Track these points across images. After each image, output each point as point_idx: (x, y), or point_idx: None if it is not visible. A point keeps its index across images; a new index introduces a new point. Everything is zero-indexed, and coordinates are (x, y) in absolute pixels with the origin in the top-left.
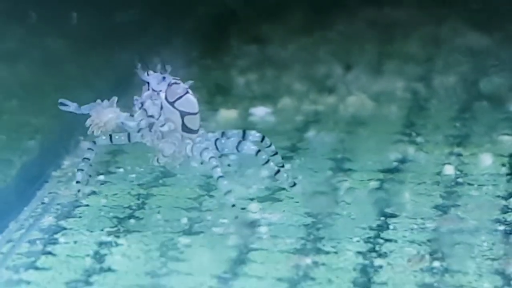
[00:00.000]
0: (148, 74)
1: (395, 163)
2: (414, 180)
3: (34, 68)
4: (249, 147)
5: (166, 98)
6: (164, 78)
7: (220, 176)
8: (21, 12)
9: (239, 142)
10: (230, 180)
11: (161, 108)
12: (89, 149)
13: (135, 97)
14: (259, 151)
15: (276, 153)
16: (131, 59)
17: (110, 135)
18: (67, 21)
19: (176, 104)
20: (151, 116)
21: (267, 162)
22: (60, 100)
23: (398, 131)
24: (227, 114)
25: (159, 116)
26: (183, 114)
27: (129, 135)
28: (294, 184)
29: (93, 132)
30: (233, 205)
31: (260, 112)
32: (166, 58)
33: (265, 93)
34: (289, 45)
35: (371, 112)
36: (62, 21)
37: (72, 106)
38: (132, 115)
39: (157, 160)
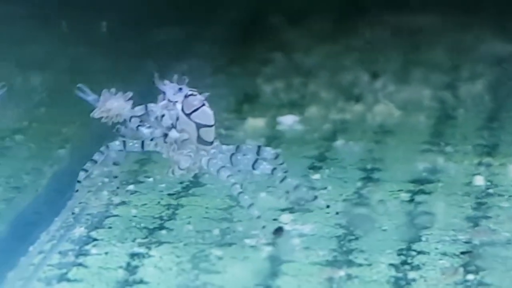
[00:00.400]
0: (164, 84)
1: (424, 174)
2: (444, 190)
3: (63, 76)
4: (265, 167)
5: (182, 110)
6: (180, 89)
7: (240, 192)
8: (51, 21)
9: (255, 161)
10: (260, 190)
11: (177, 119)
12: (100, 152)
13: (150, 105)
14: (274, 169)
15: (287, 171)
16: (158, 66)
17: (124, 141)
18: (97, 30)
19: (192, 116)
20: (167, 128)
21: (284, 179)
22: (79, 85)
23: (426, 140)
24: (255, 123)
25: (174, 126)
26: (199, 126)
27: (142, 142)
28: (315, 198)
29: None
30: (259, 217)
31: (288, 120)
32: (193, 66)
33: (292, 101)
34: (314, 52)
35: (398, 121)
36: (91, 30)
37: (90, 96)
38: (143, 107)
39: (172, 172)
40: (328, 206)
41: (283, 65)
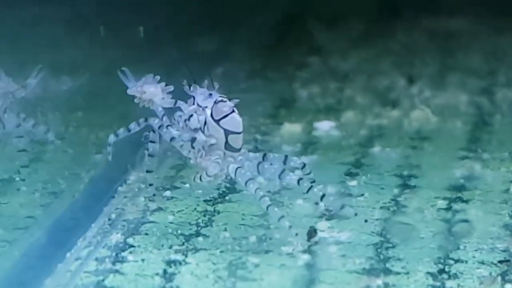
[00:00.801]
0: (194, 89)
1: (461, 181)
2: (481, 198)
3: (100, 80)
4: (291, 177)
5: (211, 115)
6: (210, 94)
7: (269, 205)
8: (89, 24)
9: (282, 171)
10: (297, 197)
11: (205, 124)
12: (136, 122)
13: (180, 102)
14: (300, 179)
15: (314, 181)
16: (193, 70)
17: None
18: (134, 34)
19: (221, 122)
20: (195, 130)
21: (310, 188)
22: (123, 68)
23: (463, 147)
24: (291, 128)
25: (202, 131)
26: (227, 133)
27: (172, 138)
28: (343, 207)
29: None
30: (290, 227)
31: (324, 126)
32: (229, 70)
33: (328, 106)
34: (351, 56)
35: (435, 127)
36: (128, 34)
37: (131, 82)
38: (172, 101)
39: (200, 178)
40: (356, 214)
41: (319, 69)
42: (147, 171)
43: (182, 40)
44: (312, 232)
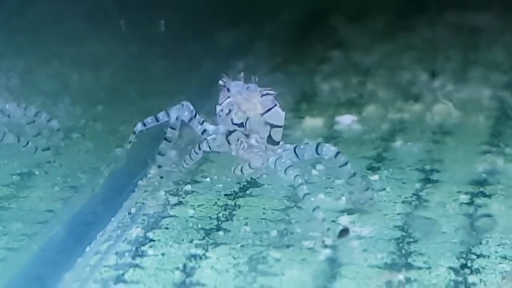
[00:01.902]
0: (228, 82)
1: (484, 175)
2: (504, 192)
3: (120, 74)
4: (329, 148)
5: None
6: (248, 87)
7: (307, 194)
8: (109, 19)
9: (318, 144)
10: (319, 192)
11: (247, 118)
12: (165, 112)
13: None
14: (338, 152)
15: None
16: (217, 64)
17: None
18: (155, 28)
19: (264, 116)
20: (237, 124)
21: (345, 164)
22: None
23: (485, 141)
24: (313, 122)
25: (244, 125)
26: (271, 126)
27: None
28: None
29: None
30: (324, 219)
31: (346, 120)
32: (251, 64)
33: (350, 100)
34: (373, 50)
35: (457, 121)
36: (149, 28)
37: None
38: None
39: (241, 170)
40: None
41: (341, 63)
42: (158, 153)
43: (204, 34)
44: (344, 231)
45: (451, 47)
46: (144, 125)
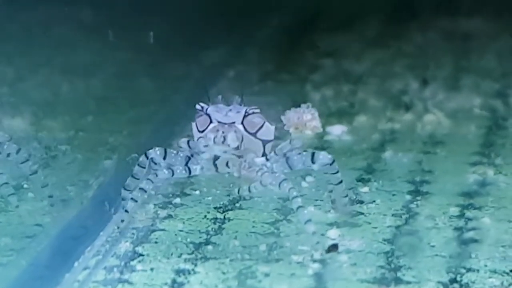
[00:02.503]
0: (206, 107)
1: (474, 187)
2: (494, 205)
3: (110, 83)
4: (325, 156)
5: (245, 130)
6: (230, 110)
7: (300, 206)
8: (98, 28)
9: (313, 154)
10: (308, 204)
11: (242, 140)
12: (148, 179)
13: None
14: (334, 160)
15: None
16: (205, 73)
17: (172, 169)
18: (144, 39)
19: (258, 134)
20: (234, 148)
21: (337, 172)
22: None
23: (476, 151)
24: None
25: (239, 147)
26: (264, 143)
27: (189, 168)
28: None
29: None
30: (314, 233)
31: (336, 130)
32: (241, 72)
33: (341, 109)
34: (364, 58)
35: (448, 131)
36: (138, 39)
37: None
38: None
39: (249, 189)
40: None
41: (332, 72)
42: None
43: (194, 43)
44: (333, 246)
45: (443, 54)
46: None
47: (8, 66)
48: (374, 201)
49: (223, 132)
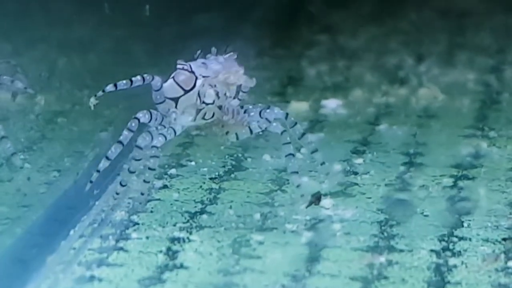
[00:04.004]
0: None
1: (468, 159)
2: (487, 176)
3: (106, 58)
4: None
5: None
6: (211, 62)
7: (294, 172)
8: (94, 2)
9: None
10: (303, 175)
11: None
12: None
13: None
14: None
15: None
16: (202, 48)
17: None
18: (140, 13)
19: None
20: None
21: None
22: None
23: (470, 125)
24: (298, 106)
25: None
26: (238, 89)
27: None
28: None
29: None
30: (302, 195)
31: (331, 104)
32: (237, 48)
33: (336, 84)
34: (359, 34)
35: (442, 105)
36: (135, 12)
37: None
38: None
39: (237, 137)
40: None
41: (328, 47)
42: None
43: (190, 18)
44: (316, 199)
45: (438, 30)
46: (116, 87)
47: (5, 41)
48: (368, 172)
49: (214, 86)
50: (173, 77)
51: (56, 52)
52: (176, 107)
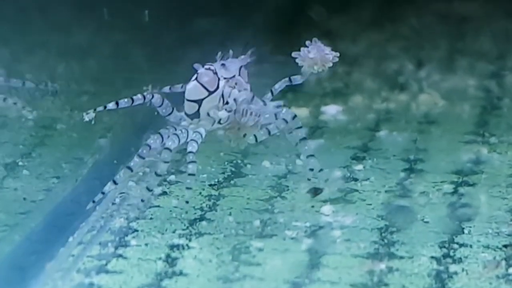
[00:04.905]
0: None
1: (468, 165)
2: (488, 182)
3: (105, 63)
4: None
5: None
6: (223, 64)
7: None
8: (93, 8)
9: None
10: (303, 181)
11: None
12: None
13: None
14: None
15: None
16: (201, 53)
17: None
18: (139, 18)
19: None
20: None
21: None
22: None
23: (470, 131)
24: (299, 112)
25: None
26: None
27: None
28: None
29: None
30: (309, 179)
31: (331, 110)
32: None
33: (336, 90)
34: (360, 40)
35: (443, 111)
36: (134, 18)
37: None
38: None
39: (256, 138)
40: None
41: None
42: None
43: (189, 23)
44: (317, 190)
45: (438, 36)
46: (117, 105)
47: (4, 47)
48: (368, 178)
49: (235, 84)
50: (196, 79)
51: (55, 57)
52: (199, 109)
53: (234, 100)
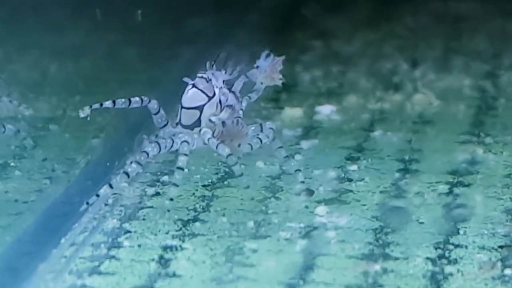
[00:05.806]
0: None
1: (464, 165)
2: (483, 182)
3: (99, 63)
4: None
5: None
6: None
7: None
8: (86, 8)
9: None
10: (297, 182)
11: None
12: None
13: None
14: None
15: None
16: (195, 53)
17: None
18: (132, 18)
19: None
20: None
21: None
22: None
23: (465, 131)
24: (292, 112)
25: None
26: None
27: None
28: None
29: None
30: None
31: (326, 110)
32: (231, 53)
33: (330, 90)
34: (354, 39)
35: (438, 111)
36: (127, 18)
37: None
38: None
39: (252, 147)
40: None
41: (322, 52)
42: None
43: (184, 23)
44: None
45: (433, 35)
46: (114, 104)
47: None
48: (363, 179)
49: (228, 94)
50: (194, 86)
51: (48, 58)
52: (200, 117)
53: (232, 106)
